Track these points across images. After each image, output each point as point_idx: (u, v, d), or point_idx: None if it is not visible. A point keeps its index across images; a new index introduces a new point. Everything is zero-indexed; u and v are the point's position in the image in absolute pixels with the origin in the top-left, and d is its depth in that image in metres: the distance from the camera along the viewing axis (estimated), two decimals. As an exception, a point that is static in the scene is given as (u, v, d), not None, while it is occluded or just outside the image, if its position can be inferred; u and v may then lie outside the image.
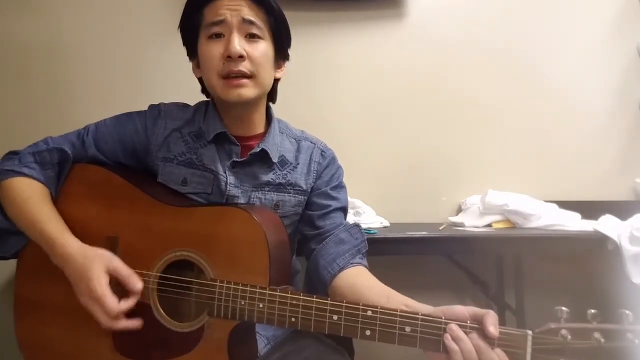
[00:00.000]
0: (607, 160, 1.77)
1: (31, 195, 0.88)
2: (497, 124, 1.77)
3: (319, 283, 0.93)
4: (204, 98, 1.04)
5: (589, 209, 1.51)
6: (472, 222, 1.57)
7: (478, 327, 0.68)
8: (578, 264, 1.60)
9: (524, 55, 1.77)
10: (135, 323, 0.80)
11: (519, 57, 1.77)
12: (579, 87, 1.77)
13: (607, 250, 1.31)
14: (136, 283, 0.81)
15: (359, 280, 0.89)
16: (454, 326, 0.68)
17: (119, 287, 0.81)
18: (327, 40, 1.74)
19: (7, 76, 1.68)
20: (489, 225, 1.56)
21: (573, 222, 1.47)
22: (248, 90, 0.90)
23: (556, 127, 1.77)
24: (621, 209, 1.40)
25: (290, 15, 0.97)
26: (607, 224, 1.36)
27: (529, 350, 0.65)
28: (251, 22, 0.89)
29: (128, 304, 0.79)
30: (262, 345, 0.93)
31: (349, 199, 1.56)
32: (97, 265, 0.80)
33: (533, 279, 1.64)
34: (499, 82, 1.77)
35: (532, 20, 1.77)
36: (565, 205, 1.54)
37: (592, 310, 0.64)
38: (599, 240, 1.32)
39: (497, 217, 1.57)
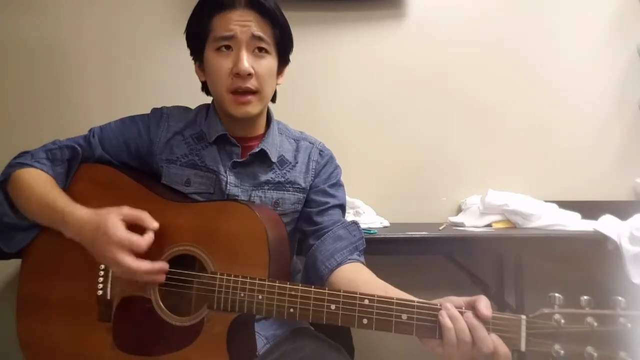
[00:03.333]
0: (607, 160, 1.77)
1: (39, 180, 0.90)
2: (497, 124, 1.77)
3: (316, 278, 0.94)
4: (204, 99, 1.06)
5: (589, 209, 1.50)
6: (472, 222, 1.57)
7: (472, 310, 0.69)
8: (578, 264, 1.60)
9: (524, 55, 1.77)
10: (159, 265, 0.81)
11: (518, 57, 1.77)
12: (579, 87, 1.77)
13: (607, 250, 1.31)
14: (152, 222, 0.83)
15: (357, 276, 0.90)
16: (449, 305, 0.70)
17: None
18: (327, 40, 1.74)
19: (7, 76, 1.69)
20: (489, 225, 1.56)
21: (573, 222, 1.47)
22: (254, 107, 0.93)
23: (556, 127, 1.77)
24: (621, 209, 1.40)
25: (290, 15, 0.98)
26: (607, 224, 1.35)
27: (523, 334, 0.67)
28: (260, 38, 0.92)
29: (151, 236, 0.81)
30: (261, 345, 0.93)
31: (350, 199, 1.58)
32: (111, 217, 0.81)
33: (533, 279, 1.64)
34: (499, 82, 1.77)
35: (532, 20, 1.77)
36: (565, 205, 1.54)
37: (585, 297, 0.65)
38: (599, 240, 1.32)
39: (497, 217, 1.57)
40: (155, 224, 0.83)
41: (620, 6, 1.76)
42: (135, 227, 0.82)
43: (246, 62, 0.89)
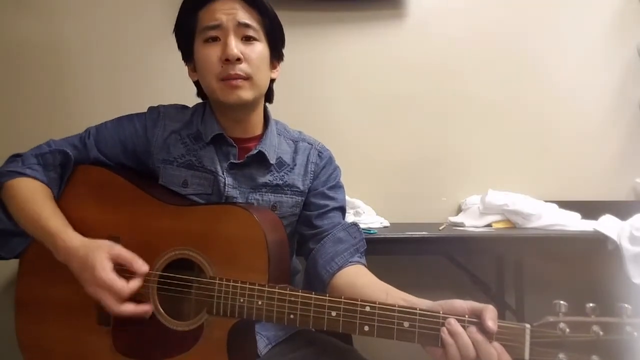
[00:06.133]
0: (607, 160, 1.77)
1: (34, 194, 0.88)
2: (497, 124, 1.77)
3: (318, 282, 0.93)
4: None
5: (589, 209, 1.51)
6: (472, 222, 1.57)
7: (477, 321, 0.68)
8: (578, 264, 1.60)
9: (524, 55, 1.77)
10: (144, 308, 0.80)
11: (519, 57, 1.77)
12: (579, 87, 1.77)
13: (607, 250, 1.31)
14: (141, 266, 0.81)
15: (358, 279, 0.89)
16: (452, 320, 0.68)
17: (125, 274, 0.81)
18: (327, 40, 1.74)
19: (7, 76, 1.67)
20: (489, 225, 1.56)
21: (573, 222, 1.47)
22: (246, 92, 0.90)
23: (556, 127, 1.77)
24: (621, 209, 1.40)
25: (290, 16, 0.97)
26: (607, 224, 1.36)
27: (527, 343, 0.65)
28: (247, 25, 0.90)
29: (136, 284, 0.80)
30: (263, 345, 0.93)
31: (350, 199, 1.58)
32: (99, 254, 0.80)
33: (533, 279, 1.64)
34: (499, 82, 1.77)
35: (532, 20, 1.77)
36: (565, 205, 1.55)
37: (591, 304, 0.63)
38: (599, 240, 1.32)
39: (497, 217, 1.57)
40: (144, 268, 0.81)
41: (620, 6, 1.75)
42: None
43: (234, 47, 0.88)
